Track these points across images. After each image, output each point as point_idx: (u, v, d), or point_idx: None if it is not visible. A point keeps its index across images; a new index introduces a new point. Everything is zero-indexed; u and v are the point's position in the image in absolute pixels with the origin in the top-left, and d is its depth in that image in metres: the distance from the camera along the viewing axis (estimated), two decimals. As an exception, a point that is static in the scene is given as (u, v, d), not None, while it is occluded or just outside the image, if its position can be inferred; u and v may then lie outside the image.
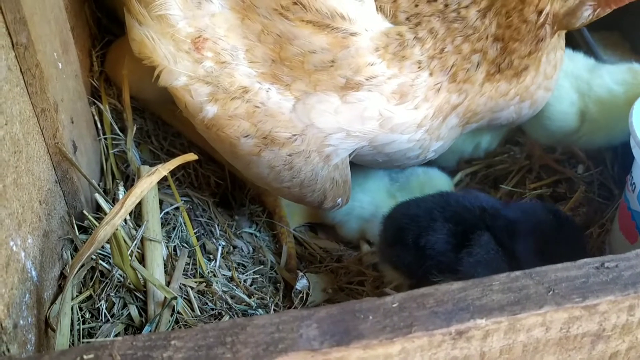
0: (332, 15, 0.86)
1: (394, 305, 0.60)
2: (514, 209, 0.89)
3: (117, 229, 0.80)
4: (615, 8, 0.88)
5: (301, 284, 1.00)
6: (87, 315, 0.89)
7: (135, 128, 1.12)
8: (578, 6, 0.87)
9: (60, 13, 0.91)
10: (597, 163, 1.16)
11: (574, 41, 1.19)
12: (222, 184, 1.18)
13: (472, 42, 0.88)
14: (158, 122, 1.22)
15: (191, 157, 0.82)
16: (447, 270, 0.83)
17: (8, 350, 0.65)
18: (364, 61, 0.88)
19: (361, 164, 1.03)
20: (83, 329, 0.87)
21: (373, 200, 1.11)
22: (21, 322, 0.70)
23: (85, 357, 0.57)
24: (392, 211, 0.95)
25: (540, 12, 0.86)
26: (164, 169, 0.78)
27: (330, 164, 0.92)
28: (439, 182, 1.13)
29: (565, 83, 1.06)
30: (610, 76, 1.07)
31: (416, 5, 0.88)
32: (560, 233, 0.86)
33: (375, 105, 0.89)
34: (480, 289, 0.62)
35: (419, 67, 0.89)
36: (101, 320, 0.88)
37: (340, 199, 0.98)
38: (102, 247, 0.93)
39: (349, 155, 0.95)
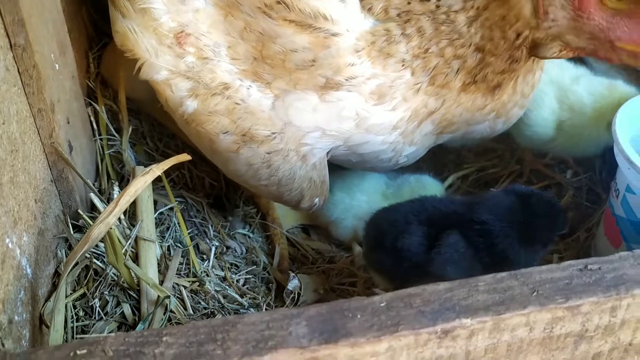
0: (314, 16, 0.87)
1: (382, 305, 0.62)
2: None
3: (111, 228, 0.82)
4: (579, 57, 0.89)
5: (293, 284, 1.01)
6: (81, 313, 0.90)
7: (130, 129, 1.13)
8: (547, 42, 0.87)
9: (57, 15, 0.92)
10: (586, 169, 1.18)
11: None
12: (217, 185, 1.19)
13: (456, 47, 0.88)
14: (153, 123, 1.23)
15: (185, 157, 0.83)
16: (422, 271, 0.85)
17: (3, 345, 0.66)
18: (345, 61, 0.88)
19: (337, 164, 1.04)
20: (77, 327, 0.88)
21: (369, 200, 1.13)
22: (16, 318, 0.71)
23: (78, 352, 0.58)
24: (372, 217, 0.96)
25: (518, 34, 0.86)
26: (158, 169, 0.79)
27: (307, 164, 0.92)
28: (431, 188, 1.14)
29: (549, 91, 1.08)
30: (586, 86, 1.08)
31: (409, 3, 0.89)
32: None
33: (353, 105, 0.90)
34: (466, 289, 0.63)
35: (402, 66, 0.90)
36: (95, 318, 0.89)
37: (317, 199, 0.99)
38: (97, 246, 0.94)
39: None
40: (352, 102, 0.90)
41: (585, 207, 1.11)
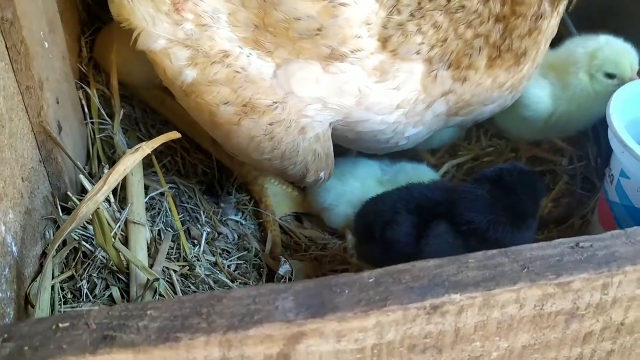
0: None
1: (370, 280, 0.61)
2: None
3: (99, 208, 0.81)
4: None
5: (284, 269, 1.00)
6: (69, 296, 0.89)
7: (122, 113, 1.12)
8: None
9: (47, -8, 0.91)
10: (580, 156, 1.17)
11: (560, 37, 1.19)
12: (209, 172, 1.19)
13: (475, 27, 0.88)
14: (146, 109, 1.23)
15: (174, 135, 0.82)
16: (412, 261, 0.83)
17: (-15, 320, 0.66)
18: (352, 33, 0.87)
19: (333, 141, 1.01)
20: (64, 309, 0.87)
21: (362, 187, 1.12)
22: (0, 295, 0.70)
23: (61, 325, 0.57)
24: (361, 208, 0.94)
25: None
26: (147, 147, 0.78)
27: (306, 137, 0.90)
28: (427, 177, 1.13)
29: None
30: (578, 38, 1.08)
31: (419, 3, 0.88)
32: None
33: (356, 79, 0.88)
34: (456, 265, 0.62)
35: (417, 54, 0.89)
36: (82, 300, 0.88)
37: (322, 173, 0.97)
38: (86, 228, 0.93)
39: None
40: (355, 76, 0.88)
41: (580, 195, 1.11)
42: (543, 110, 1.07)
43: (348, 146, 1.06)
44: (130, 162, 0.78)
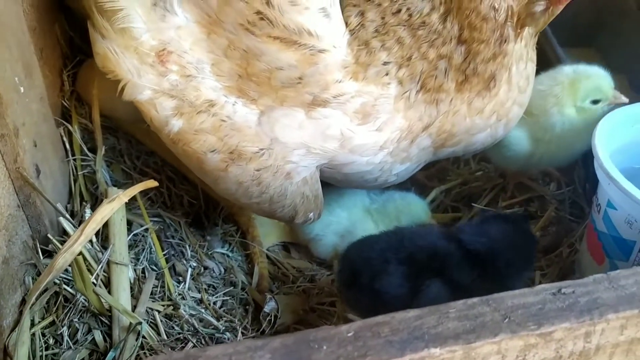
0: (299, 32, 0.85)
1: (349, 335, 0.60)
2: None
3: (80, 254, 0.80)
4: (566, 4, 0.86)
5: (269, 306, 0.99)
6: (51, 341, 0.88)
7: (104, 148, 1.11)
8: (530, 1, 0.85)
9: (23, 37, 0.90)
10: (569, 182, 1.16)
11: (546, 58, 1.18)
12: (196, 203, 1.18)
13: (437, 47, 0.87)
14: (131, 141, 1.22)
15: (152, 183, 0.82)
16: None
17: (-41, 382, 0.64)
18: (332, 78, 0.87)
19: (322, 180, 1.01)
20: (46, 356, 0.86)
21: (349, 216, 1.11)
22: (-24, 352, 0.69)
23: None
24: (347, 251, 0.92)
25: (495, 8, 0.84)
26: (125, 196, 0.77)
27: (293, 181, 0.91)
28: (416, 208, 1.12)
29: None
30: (543, 78, 1.06)
31: (382, 18, 0.88)
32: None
33: (338, 124, 0.88)
34: (436, 316, 0.61)
35: (387, 75, 0.88)
36: (64, 347, 0.87)
37: (312, 214, 0.97)
38: (67, 271, 0.92)
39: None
40: (337, 120, 0.88)
41: (569, 221, 1.10)
42: (522, 150, 1.06)
43: (339, 185, 1.05)
44: (108, 211, 0.77)
